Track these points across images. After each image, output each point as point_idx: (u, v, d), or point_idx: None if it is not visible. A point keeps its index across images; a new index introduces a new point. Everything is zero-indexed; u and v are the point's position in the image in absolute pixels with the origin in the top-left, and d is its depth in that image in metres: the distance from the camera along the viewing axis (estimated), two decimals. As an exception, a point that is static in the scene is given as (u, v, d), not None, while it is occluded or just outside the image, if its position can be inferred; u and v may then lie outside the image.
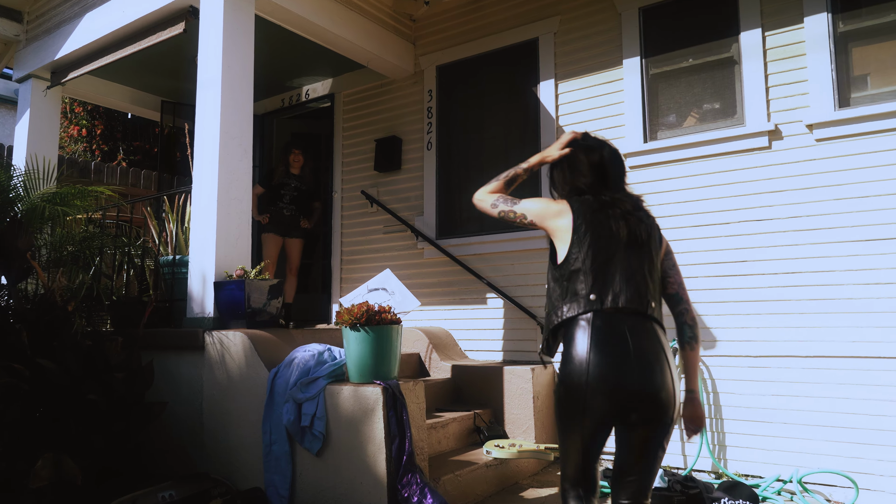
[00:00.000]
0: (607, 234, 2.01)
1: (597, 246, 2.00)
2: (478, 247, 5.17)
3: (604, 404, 1.88)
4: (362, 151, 6.02)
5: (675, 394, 1.92)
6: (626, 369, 1.87)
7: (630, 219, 2.05)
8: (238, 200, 4.12)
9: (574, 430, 1.97)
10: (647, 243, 2.06)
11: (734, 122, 4.23)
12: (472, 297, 5.16)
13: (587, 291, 1.96)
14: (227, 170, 4.08)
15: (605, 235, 2.01)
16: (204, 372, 3.83)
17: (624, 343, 1.88)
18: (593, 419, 1.91)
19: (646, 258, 2.03)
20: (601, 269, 1.97)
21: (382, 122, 5.91)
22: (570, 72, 4.90)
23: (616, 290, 1.95)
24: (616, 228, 2.01)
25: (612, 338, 1.89)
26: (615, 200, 2.08)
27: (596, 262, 1.98)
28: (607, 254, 1.99)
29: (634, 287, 1.96)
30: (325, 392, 3.30)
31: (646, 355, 1.89)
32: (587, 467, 2.00)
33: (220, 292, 3.84)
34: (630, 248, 2.01)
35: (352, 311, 3.23)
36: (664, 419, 1.90)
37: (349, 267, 5.98)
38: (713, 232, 4.19)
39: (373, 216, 5.85)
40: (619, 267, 1.98)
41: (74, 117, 9.82)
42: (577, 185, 2.16)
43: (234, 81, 4.17)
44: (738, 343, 4.04)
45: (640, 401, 1.87)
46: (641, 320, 1.95)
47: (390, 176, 5.80)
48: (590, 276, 1.98)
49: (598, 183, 2.14)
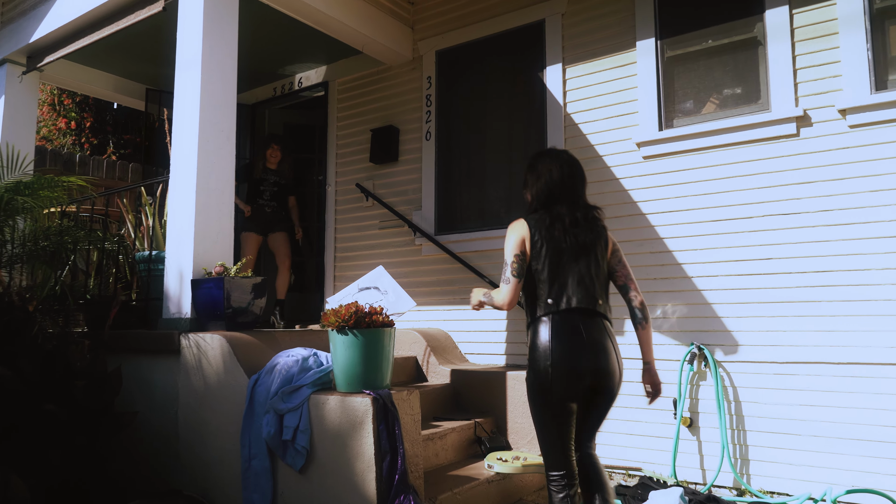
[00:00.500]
0: (559, 245, 2.42)
1: (551, 257, 2.41)
2: (480, 243, 4.84)
3: (565, 382, 2.32)
4: (358, 142, 5.69)
5: (620, 372, 2.43)
6: (581, 354, 2.33)
7: (577, 230, 2.44)
8: (219, 192, 3.80)
9: (546, 411, 2.38)
10: (594, 249, 2.46)
11: (758, 108, 3.89)
12: (473, 297, 4.83)
13: (546, 297, 2.39)
14: (207, 158, 3.75)
15: (556, 247, 2.42)
16: (179, 378, 3.51)
17: (578, 335, 2.33)
18: (559, 396, 2.34)
19: (592, 262, 2.44)
20: (556, 277, 2.39)
21: (379, 112, 5.58)
22: (579, 55, 4.57)
23: (569, 294, 2.38)
24: (565, 240, 2.41)
25: (569, 331, 2.34)
26: (563, 214, 2.45)
27: (552, 271, 2.39)
28: (560, 263, 2.40)
29: (584, 289, 2.39)
30: (310, 402, 2.98)
31: (596, 343, 2.36)
32: (565, 448, 2.41)
33: (198, 291, 3.52)
34: (579, 256, 2.42)
35: (338, 313, 2.90)
36: (612, 391, 2.43)
37: (343, 264, 5.65)
38: (735, 227, 3.86)
39: (368, 210, 5.53)
40: (570, 273, 2.40)
41: (63, 109, 9.50)
42: (539, 191, 2.52)
43: (216, 63, 3.85)
44: (762, 348, 3.71)
45: (593, 377, 2.35)
46: (591, 315, 2.39)
47: (387, 168, 5.47)
48: (547, 283, 2.40)
49: (553, 197, 2.49)
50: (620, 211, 4.26)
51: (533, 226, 2.46)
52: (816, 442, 3.50)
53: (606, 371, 2.37)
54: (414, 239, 5.20)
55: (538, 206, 2.53)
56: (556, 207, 2.47)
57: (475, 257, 4.83)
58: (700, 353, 3.83)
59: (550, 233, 2.42)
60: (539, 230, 2.44)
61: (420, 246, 5.17)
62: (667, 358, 3.99)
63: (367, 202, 5.51)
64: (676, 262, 4.03)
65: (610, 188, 4.32)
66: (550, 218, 2.45)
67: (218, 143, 3.82)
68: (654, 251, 4.11)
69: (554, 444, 2.40)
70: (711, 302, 3.89)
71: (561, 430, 2.39)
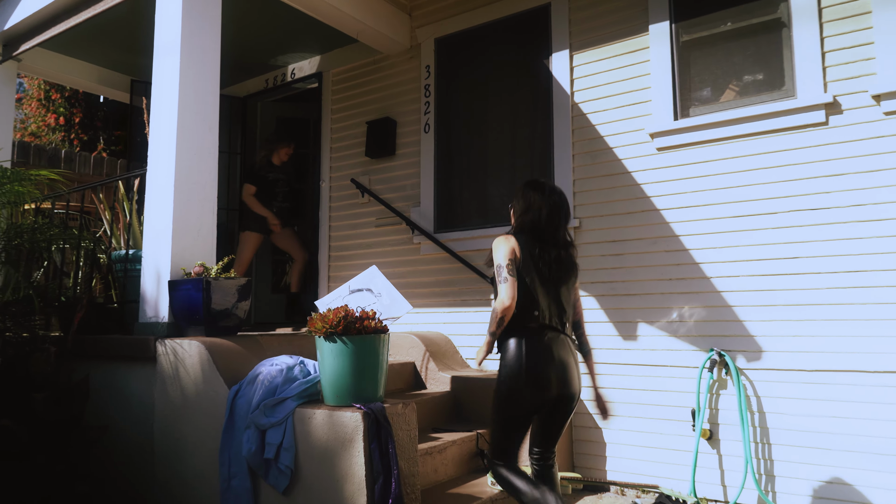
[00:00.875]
0: (538, 272, 2.57)
1: (531, 278, 2.56)
2: (482, 241, 4.55)
3: (534, 393, 2.51)
4: (353, 136, 5.40)
5: (580, 387, 2.64)
6: (550, 368, 2.51)
7: (558, 263, 2.62)
8: (201, 185, 3.52)
9: (511, 417, 2.57)
10: (567, 281, 2.66)
11: (782, 95, 3.60)
12: (475, 298, 4.54)
13: (522, 311, 2.53)
14: (187, 149, 3.47)
15: (536, 272, 2.57)
16: (156, 388, 3.22)
17: (548, 351, 2.52)
18: (526, 406, 2.53)
19: (564, 292, 2.64)
20: (534, 296, 2.55)
21: (375, 103, 5.30)
22: (587, 41, 4.28)
23: (544, 313, 2.55)
24: (546, 269, 2.59)
25: (540, 347, 2.52)
26: (548, 247, 2.62)
27: (530, 290, 2.55)
28: (538, 286, 2.56)
29: (556, 312, 2.60)
30: (295, 417, 2.69)
31: (563, 360, 2.55)
32: (517, 446, 2.62)
33: (175, 293, 3.24)
34: (555, 285, 2.61)
35: (326, 318, 2.62)
36: (572, 403, 2.62)
37: (338, 264, 5.36)
38: (758, 223, 3.57)
39: (364, 207, 5.24)
40: (546, 296, 2.57)
41: (52, 105, 9.22)
42: (525, 221, 2.67)
43: (197, 46, 3.56)
44: (789, 354, 3.42)
45: (558, 390, 2.54)
46: (559, 335, 2.59)
47: (383, 162, 5.18)
48: (525, 299, 2.53)
49: (538, 230, 2.64)
50: (632, 206, 3.97)
51: (522, 244, 2.60)
52: (850, 458, 3.21)
53: (569, 385, 2.57)
54: (412, 237, 4.92)
55: (526, 232, 2.67)
56: (540, 240, 2.63)
57: (477, 256, 4.54)
58: (721, 359, 3.54)
59: (535, 258, 2.58)
60: (526, 249, 2.59)
61: (418, 244, 4.89)
62: (684, 364, 3.70)
63: (363, 198, 5.23)
64: (694, 261, 3.74)
65: (621, 182, 4.03)
66: (536, 245, 2.61)
67: (200, 133, 3.53)
68: (669, 249, 3.83)
69: (507, 449, 2.61)
70: (732, 304, 3.60)
71: (519, 436, 2.61)
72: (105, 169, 7.31)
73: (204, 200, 3.52)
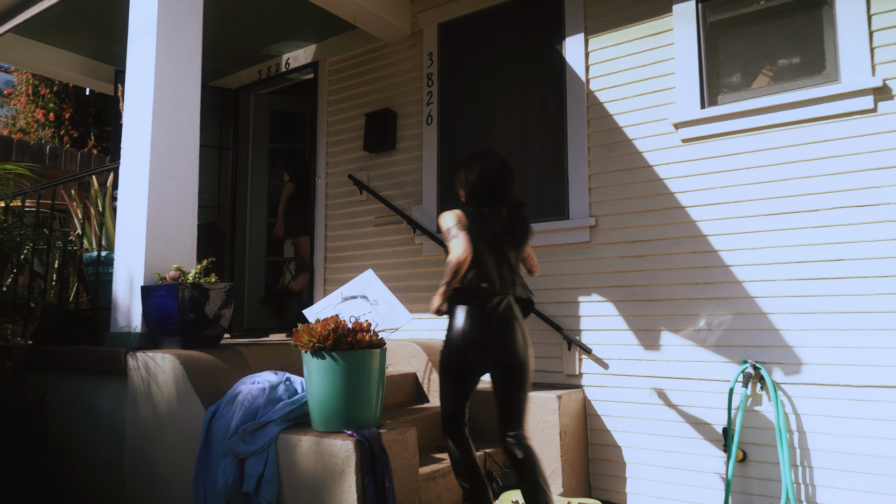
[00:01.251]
0: (486, 239, 2.61)
1: (477, 244, 2.57)
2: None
3: (476, 356, 2.57)
4: (350, 129, 5.06)
5: (527, 350, 2.62)
6: (490, 330, 2.54)
7: (506, 226, 2.66)
8: (180, 180, 3.18)
9: (454, 379, 2.61)
10: (517, 245, 2.70)
11: (823, 80, 3.25)
12: (482, 304, 4.19)
13: (466, 276, 2.55)
14: (163, 141, 3.13)
15: (485, 237, 2.61)
16: (127, 406, 2.89)
17: (491, 317, 2.54)
18: (468, 370, 2.60)
19: (513, 255, 2.68)
20: (479, 261, 2.56)
21: (374, 94, 4.95)
22: (604, 24, 3.93)
23: (490, 277, 2.57)
24: (493, 236, 2.63)
25: (482, 309, 2.54)
26: (494, 212, 2.66)
27: (476, 255, 2.56)
28: (485, 251, 2.59)
29: (502, 276, 2.61)
30: (278, 444, 2.35)
31: (506, 325, 2.56)
32: (463, 406, 2.69)
33: (148, 300, 2.90)
34: (503, 248, 2.64)
35: (313, 331, 2.28)
36: (521, 366, 2.59)
37: (335, 265, 5.03)
38: (796, 222, 3.22)
39: (362, 205, 4.90)
40: (492, 260, 2.60)
41: (40, 100, 8.90)
42: (470, 191, 2.74)
43: (176, 25, 3.23)
44: (833, 368, 3.07)
45: (500, 352, 2.56)
46: (505, 300, 2.59)
47: (383, 157, 4.84)
48: (471, 265, 2.55)
49: (485, 190, 2.69)
50: (654, 204, 3.62)
51: (469, 214, 2.65)
52: (904, 484, 2.86)
53: (512, 346, 2.57)
54: (413, 237, 4.57)
55: (471, 201, 2.73)
56: (489, 204, 2.68)
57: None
58: (756, 372, 3.19)
59: (482, 225, 2.62)
60: (472, 219, 2.63)
61: (420, 245, 4.54)
62: (713, 378, 3.35)
63: (361, 196, 4.89)
64: (723, 263, 3.40)
65: (641, 177, 3.68)
66: (481, 213, 2.65)
67: (178, 122, 3.20)
68: (695, 251, 3.48)
69: (453, 414, 2.66)
70: (767, 311, 3.25)
71: (463, 400, 2.68)
72: (93, 165, 6.99)
73: (183, 197, 3.19)
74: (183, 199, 3.17)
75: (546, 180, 4.12)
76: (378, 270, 3.53)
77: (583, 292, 3.83)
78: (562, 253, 3.91)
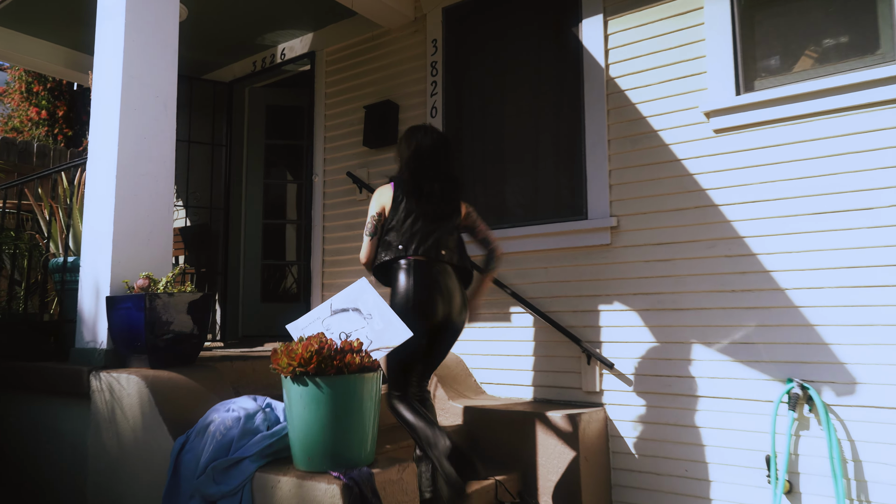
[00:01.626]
0: (421, 208, 2.75)
1: (413, 217, 2.73)
2: (501, 244, 3.85)
3: (423, 322, 2.63)
4: (349, 123, 4.72)
5: (463, 314, 2.79)
6: (437, 298, 2.68)
7: (441, 196, 2.79)
8: (153, 177, 2.84)
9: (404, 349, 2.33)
10: (450, 217, 2.82)
11: (878, 60, 2.87)
12: (491, 312, 3.84)
13: (397, 243, 2.72)
14: (134, 132, 2.79)
15: (418, 209, 2.74)
16: (89, 432, 2.55)
17: (434, 282, 2.68)
18: (418, 335, 2.48)
19: (446, 223, 2.80)
20: (409, 229, 2.73)
21: (374, 85, 4.61)
22: (625, 3, 3.56)
23: (426, 245, 2.71)
24: (428, 205, 2.76)
25: (426, 276, 2.68)
26: (429, 185, 2.78)
27: (405, 224, 2.73)
28: (419, 222, 2.73)
29: (436, 242, 2.73)
30: (253, 484, 2.00)
31: (448, 288, 2.72)
32: (410, 376, 2.75)
33: (114, 312, 2.56)
34: (435, 219, 2.77)
35: (293, 352, 1.93)
36: (458, 331, 2.81)
37: (333, 270, 4.68)
38: (847, 221, 2.84)
39: (362, 205, 4.55)
40: (428, 231, 2.73)
41: (33, 97, 8.61)
42: (408, 163, 2.85)
43: (149, 4, 2.88)
44: (893, 389, 2.69)
45: (445, 318, 2.72)
46: (443, 265, 2.73)
47: (384, 153, 4.49)
48: (399, 233, 2.73)
49: (423, 162, 2.82)
50: (683, 202, 3.25)
51: (399, 186, 2.78)
52: (981, 524, 2.48)
53: (453, 313, 2.71)
54: (417, 239, 4.22)
55: (407, 174, 2.81)
56: (424, 177, 2.78)
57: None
58: (803, 392, 2.82)
59: (418, 198, 2.73)
60: (403, 190, 2.75)
61: (424, 248, 4.20)
62: (753, 397, 2.98)
63: (361, 194, 4.54)
64: (763, 268, 3.02)
65: (669, 172, 3.31)
66: (418, 186, 2.76)
67: (152, 112, 2.86)
68: (730, 254, 3.11)
69: (400, 381, 2.69)
70: (815, 323, 2.88)
71: (411, 367, 2.73)
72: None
73: (157, 196, 2.84)
74: (157, 199, 2.83)
75: (561, 176, 3.75)
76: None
77: (603, 300, 3.46)
78: (580, 256, 3.55)
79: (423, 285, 2.63)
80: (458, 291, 2.74)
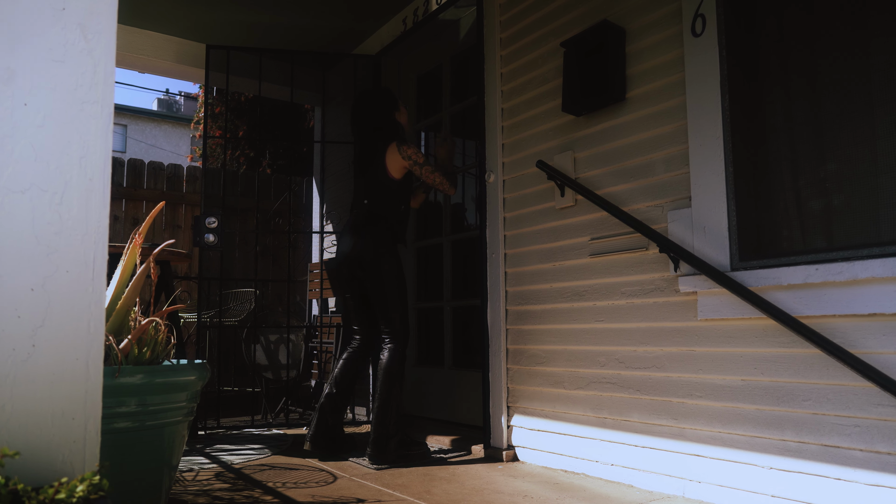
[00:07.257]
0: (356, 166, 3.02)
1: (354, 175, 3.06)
2: (865, 292, 1.65)
3: (341, 269, 2.91)
4: (538, 79, 2.81)
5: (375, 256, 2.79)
6: (344, 243, 2.90)
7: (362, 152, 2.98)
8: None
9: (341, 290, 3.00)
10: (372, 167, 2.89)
11: None
12: (862, 449, 1.64)
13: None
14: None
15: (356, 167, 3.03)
16: None
17: (348, 229, 2.91)
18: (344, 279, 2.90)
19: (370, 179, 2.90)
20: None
21: (578, 6, 2.65)
22: None
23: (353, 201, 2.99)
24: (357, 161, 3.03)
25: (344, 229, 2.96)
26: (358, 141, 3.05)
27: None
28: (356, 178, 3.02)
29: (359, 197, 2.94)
30: None
31: (355, 233, 2.86)
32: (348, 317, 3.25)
33: None
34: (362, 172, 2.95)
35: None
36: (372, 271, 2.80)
37: (521, 328, 2.80)
38: None
39: (566, 217, 2.62)
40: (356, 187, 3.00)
41: (219, 119, 8.10)
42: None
43: None
44: None
45: (352, 260, 2.84)
46: (358, 216, 2.90)
47: (600, 121, 2.51)
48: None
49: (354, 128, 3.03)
50: None
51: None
52: None
53: (356, 255, 2.81)
54: (674, 278, 2.17)
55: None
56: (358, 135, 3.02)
57: (855, 329, 1.66)
58: None
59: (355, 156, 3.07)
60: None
61: (692, 296, 2.12)
62: None
63: (563, 197, 2.61)
64: None
65: None
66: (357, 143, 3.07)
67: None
68: None
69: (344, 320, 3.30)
70: None
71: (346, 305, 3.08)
72: (271, 187, 5.73)
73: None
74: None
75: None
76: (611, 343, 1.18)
77: None
78: None
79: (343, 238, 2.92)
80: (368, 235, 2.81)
